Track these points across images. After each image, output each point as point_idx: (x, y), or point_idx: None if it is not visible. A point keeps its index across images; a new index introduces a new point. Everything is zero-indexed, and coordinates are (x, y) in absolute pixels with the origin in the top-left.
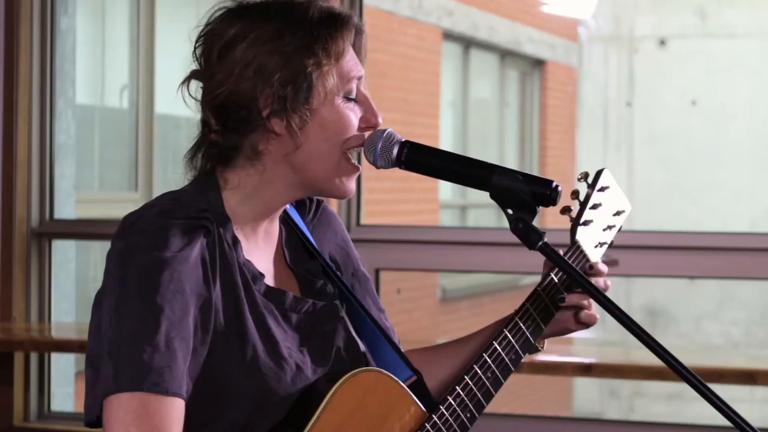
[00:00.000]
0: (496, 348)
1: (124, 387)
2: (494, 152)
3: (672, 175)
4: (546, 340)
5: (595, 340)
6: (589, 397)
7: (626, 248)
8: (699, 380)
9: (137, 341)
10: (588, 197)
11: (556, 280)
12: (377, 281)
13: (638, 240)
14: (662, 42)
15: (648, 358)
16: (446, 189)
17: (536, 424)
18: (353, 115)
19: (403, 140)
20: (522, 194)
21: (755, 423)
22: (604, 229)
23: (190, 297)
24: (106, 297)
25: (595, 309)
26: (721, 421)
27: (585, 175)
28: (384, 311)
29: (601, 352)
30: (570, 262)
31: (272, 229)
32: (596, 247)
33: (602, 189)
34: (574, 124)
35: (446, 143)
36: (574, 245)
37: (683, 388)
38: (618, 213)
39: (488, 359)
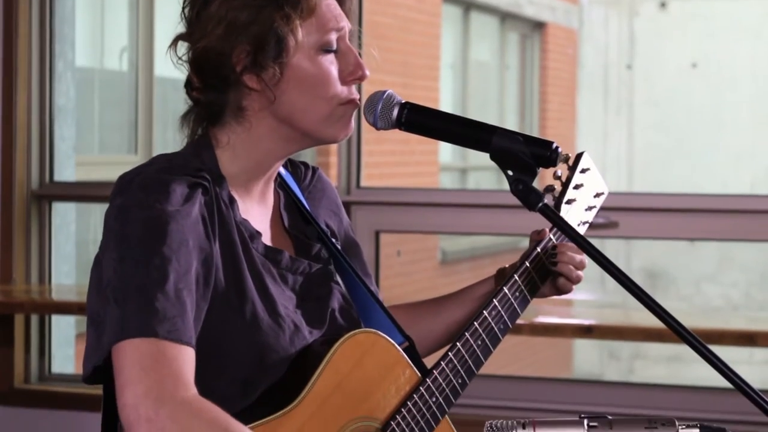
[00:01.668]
0: (486, 317)
1: (137, 332)
2: (494, 115)
3: (672, 137)
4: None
5: (595, 301)
6: (588, 359)
7: (626, 210)
8: (699, 341)
9: (147, 289)
10: (570, 177)
11: (542, 254)
12: (377, 243)
13: (638, 202)
14: (663, 4)
15: (648, 319)
16: (446, 152)
17: (536, 386)
18: (333, 67)
19: (403, 101)
20: (522, 155)
21: (755, 385)
22: (585, 209)
23: (193, 251)
24: (107, 252)
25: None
26: (721, 383)
27: (566, 157)
28: (370, 276)
29: (601, 313)
30: (555, 240)
31: (267, 190)
32: (579, 225)
33: (583, 171)
34: (575, 87)
35: (446, 106)
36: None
37: (683, 350)
38: (597, 195)
39: (479, 328)
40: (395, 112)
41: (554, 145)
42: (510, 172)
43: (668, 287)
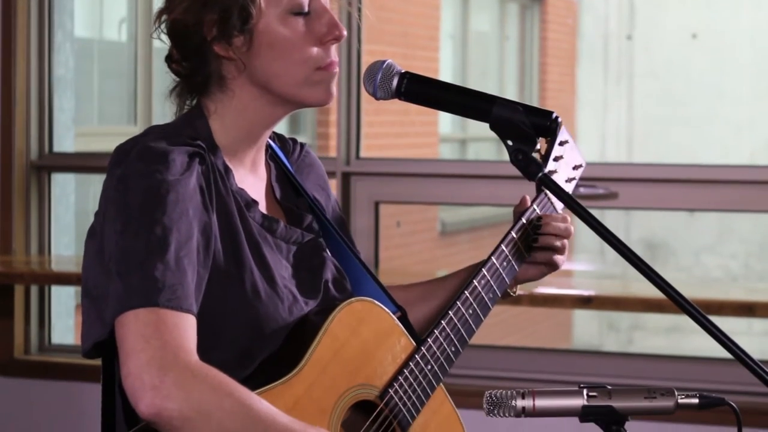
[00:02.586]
0: (476, 286)
1: (139, 302)
2: (494, 86)
3: (672, 108)
4: (518, 286)
5: (595, 272)
6: (588, 330)
7: (625, 181)
8: (698, 311)
9: (147, 259)
10: (549, 151)
11: (527, 225)
12: (377, 214)
13: (637, 173)
14: None
15: (647, 290)
16: (446, 123)
17: (535, 357)
18: (305, 29)
19: (402, 71)
20: (522, 125)
21: (754, 356)
22: (566, 181)
23: (193, 220)
24: (108, 223)
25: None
26: (720, 353)
27: None
28: (358, 252)
29: (600, 284)
30: (539, 210)
31: (259, 161)
32: None
33: (561, 143)
34: (574, 58)
35: (446, 77)
36: (541, 193)
37: (681, 321)
38: (576, 167)
39: (469, 296)
40: (395, 81)
41: (554, 115)
42: (510, 142)
43: (667, 258)
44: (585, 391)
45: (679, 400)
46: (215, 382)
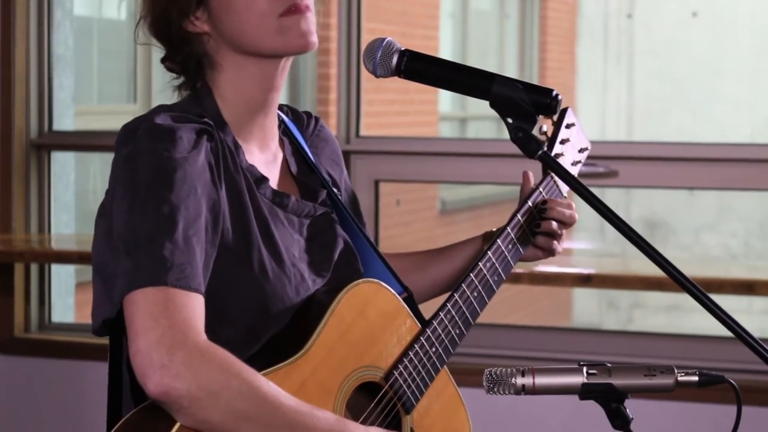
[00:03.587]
0: (481, 269)
1: (147, 281)
2: (494, 65)
3: (672, 86)
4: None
5: (594, 251)
6: (587, 308)
7: (625, 159)
8: (698, 288)
9: (156, 238)
10: (556, 133)
11: (533, 208)
12: (376, 193)
13: (637, 151)
14: None
15: (647, 268)
16: (446, 101)
17: (535, 335)
18: None
19: (402, 49)
20: (522, 103)
21: (754, 334)
22: (572, 164)
23: (202, 197)
24: (116, 202)
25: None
26: (719, 332)
27: None
28: (365, 226)
29: (600, 262)
30: (544, 193)
31: (268, 135)
32: None
33: (568, 126)
34: (574, 36)
35: (446, 56)
36: (547, 176)
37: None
38: (582, 150)
39: (474, 279)
40: (395, 59)
41: (554, 93)
42: (510, 120)
43: (667, 237)
44: (585, 369)
45: (679, 378)
46: (223, 363)
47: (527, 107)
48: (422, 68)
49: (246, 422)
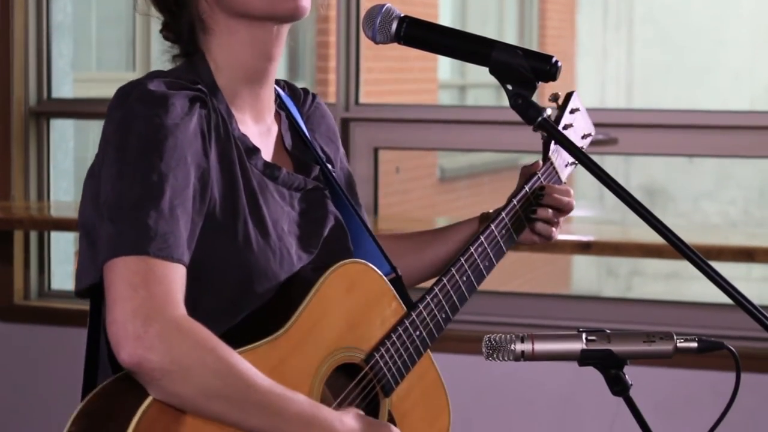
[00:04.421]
0: (472, 254)
1: (129, 250)
2: (493, 32)
3: (672, 54)
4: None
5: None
6: (587, 276)
7: (625, 127)
8: (698, 256)
9: (141, 206)
10: (559, 117)
11: (529, 193)
12: (376, 160)
13: (637, 119)
14: None
15: (646, 235)
16: (445, 69)
17: (535, 302)
18: None
19: (402, 15)
20: (521, 69)
21: (753, 302)
22: None
23: (191, 166)
24: (105, 166)
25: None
26: (719, 299)
27: (555, 96)
28: (362, 206)
29: (599, 230)
30: (543, 179)
31: (263, 105)
32: (566, 166)
33: (572, 111)
34: (574, 4)
35: (445, 23)
36: (547, 161)
37: (681, 267)
38: (585, 136)
39: (464, 264)
40: (394, 25)
41: (554, 59)
42: (509, 87)
43: (666, 204)
44: (584, 335)
45: (678, 344)
46: (199, 338)
47: (527, 74)
48: (422, 34)
49: (217, 399)
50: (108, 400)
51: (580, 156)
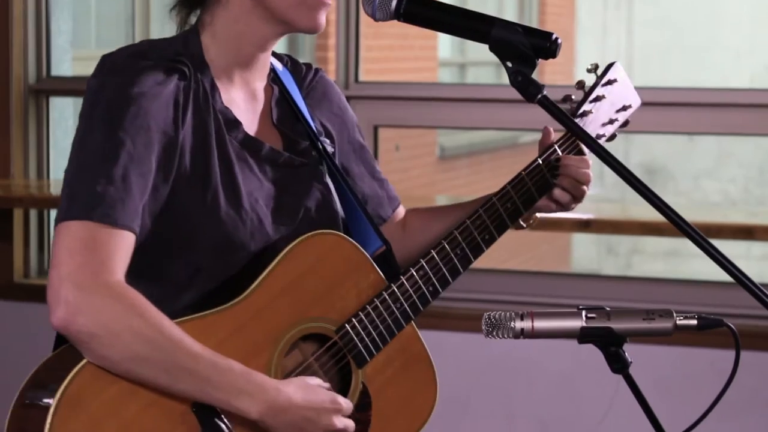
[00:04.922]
0: (468, 226)
1: (74, 215)
2: (493, 10)
3: (672, 32)
4: (535, 216)
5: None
6: (587, 254)
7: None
8: (697, 232)
9: (93, 173)
10: (591, 89)
11: (543, 166)
12: (376, 138)
13: None
14: None
15: (646, 213)
16: (445, 47)
17: (534, 280)
18: None
19: None
20: (521, 46)
21: (753, 280)
22: (603, 124)
23: (156, 134)
24: (75, 134)
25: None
26: (718, 277)
27: (595, 67)
28: (382, 180)
29: (599, 208)
30: (562, 150)
31: (253, 80)
32: (603, 125)
33: (609, 82)
34: None
35: (445, 0)
36: (567, 134)
37: (680, 245)
38: (624, 108)
39: (458, 236)
40: (394, 2)
41: (554, 36)
42: (509, 64)
43: (667, 183)
44: (584, 313)
45: (678, 322)
46: (128, 303)
47: (527, 51)
48: (421, 11)
49: (145, 364)
50: (56, 363)
51: (579, 133)
